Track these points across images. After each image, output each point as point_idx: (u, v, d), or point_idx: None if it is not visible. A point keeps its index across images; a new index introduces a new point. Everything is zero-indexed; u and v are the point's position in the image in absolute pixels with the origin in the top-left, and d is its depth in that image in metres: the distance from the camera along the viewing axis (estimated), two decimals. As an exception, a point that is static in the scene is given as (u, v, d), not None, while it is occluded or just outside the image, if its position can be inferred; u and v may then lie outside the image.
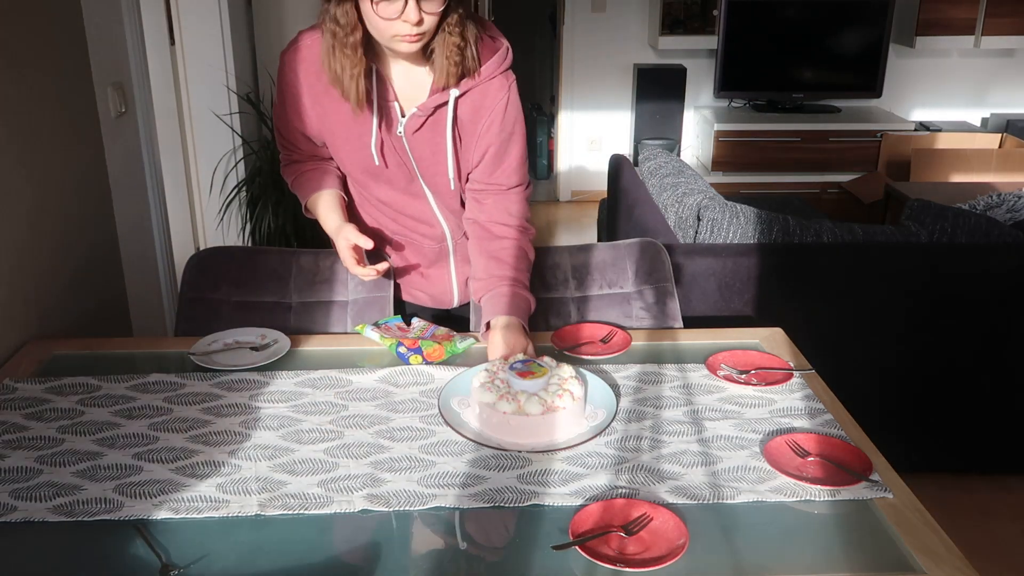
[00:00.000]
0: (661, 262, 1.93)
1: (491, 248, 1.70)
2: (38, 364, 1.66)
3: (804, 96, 5.41)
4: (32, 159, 1.89)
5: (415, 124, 1.61)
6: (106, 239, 2.28)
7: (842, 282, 2.50)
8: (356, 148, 1.65)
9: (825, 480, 1.26)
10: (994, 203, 3.48)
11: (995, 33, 5.09)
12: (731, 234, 2.58)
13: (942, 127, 5.32)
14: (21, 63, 1.86)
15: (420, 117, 1.59)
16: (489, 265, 1.69)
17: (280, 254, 1.95)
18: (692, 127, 5.64)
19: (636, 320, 1.90)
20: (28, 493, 1.26)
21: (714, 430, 1.41)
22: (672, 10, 5.26)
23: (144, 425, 1.43)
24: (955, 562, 1.11)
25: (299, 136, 1.72)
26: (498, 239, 1.70)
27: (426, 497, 1.24)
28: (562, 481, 1.28)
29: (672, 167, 3.16)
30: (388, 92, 1.59)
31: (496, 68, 1.60)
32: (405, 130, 1.61)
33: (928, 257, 2.51)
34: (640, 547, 1.13)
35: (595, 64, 5.60)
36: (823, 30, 5.24)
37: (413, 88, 1.60)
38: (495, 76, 1.60)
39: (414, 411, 1.48)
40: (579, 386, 1.38)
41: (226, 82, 3.32)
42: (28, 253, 1.85)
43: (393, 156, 1.65)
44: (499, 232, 1.70)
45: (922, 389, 2.60)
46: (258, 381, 1.58)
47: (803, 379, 1.57)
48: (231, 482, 1.28)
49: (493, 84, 1.60)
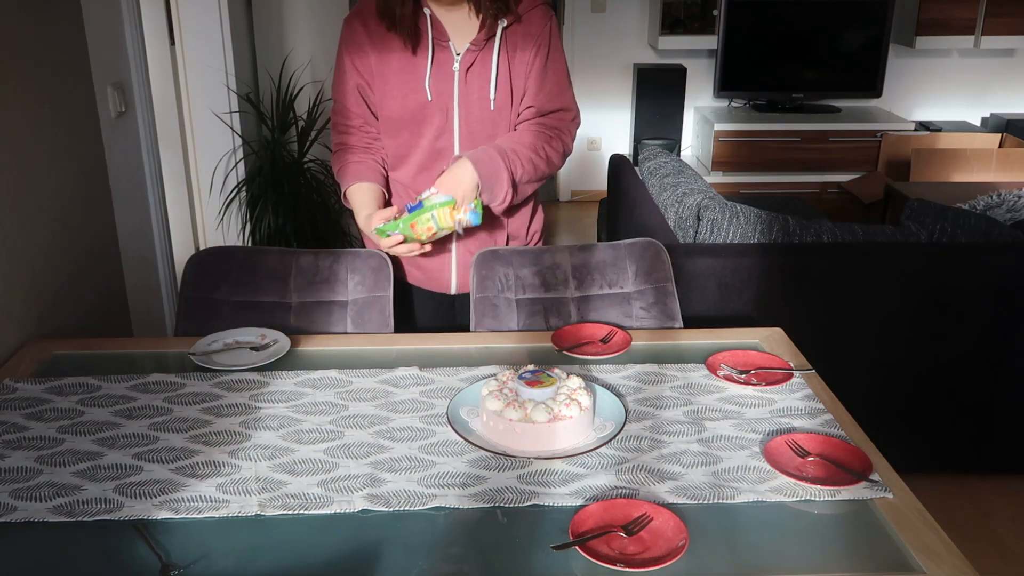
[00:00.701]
0: (661, 262, 1.93)
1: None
2: (38, 364, 1.66)
3: (804, 96, 5.41)
4: (32, 159, 1.89)
5: (468, 60, 1.76)
6: (106, 239, 2.28)
7: (842, 282, 2.50)
8: (407, 92, 1.78)
9: (825, 480, 1.26)
10: (994, 203, 3.48)
11: (995, 33, 5.09)
12: (731, 234, 2.58)
13: (942, 127, 5.32)
14: (21, 63, 1.86)
15: (474, 52, 1.75)
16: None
17: (280, 254, 1.95)
18: (692, 127, 5.64)
19: (636, 320, 1.90)
20: (28, 493, 1.26)
21: (714, 430, 1.41)
22: (672, 10, 5.26)
23: (144, 425, 1.43)
24: (955, 562, 1.11)
25: (354, 96, 1.83)
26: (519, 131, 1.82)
27: (426, 497, 1.24)
28: (562, 481, 1.28)
29: (672, 167, 3.16)
30: (443, 34, 1.75)
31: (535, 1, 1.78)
32: (460, 66, 1.76)
33: (928, 257, 2.51)
34: (640, 547, 1.13)
35: (595, 64, 5.60)
36: (823, 30, 5.24)
37: (463, 30, 1.76)
38: (536, 6, 1.78)
39: (414, 411, 1.48)
40: (588, 397, 1.38)
41: (226, 82, 3.32)
42: (28, 253, 1.85)
43: (439, 98, 1.77)
44: (523, 127, 1.81)
45: (922, 389, 2.60)
46: (258, 381, 1.58)
47: (803, 379, 1.57)
48: (231, 482, 1.28)
49: (536, 14, 1.78)
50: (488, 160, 1.72)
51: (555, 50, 1.80)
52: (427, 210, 1.67)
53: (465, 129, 1.80)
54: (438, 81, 1.77)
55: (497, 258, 1.90)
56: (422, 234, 1.69)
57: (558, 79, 1.82)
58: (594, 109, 5.70)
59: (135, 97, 2.53)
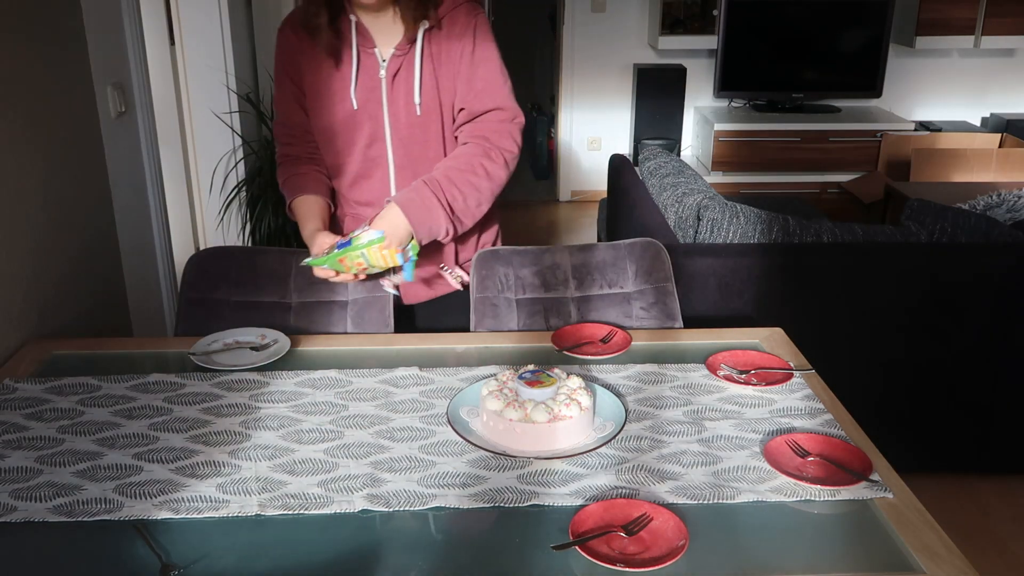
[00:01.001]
0: (661, 262, 1.93)
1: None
2: (38, 364, 1.66)
3: (804, 96, 5.41)
4: (32, 159, 1.89)
5: (394, 67, 1.71)
6: (106, 239, 2.28)
7: (842, 282, 2.50)
8: (336, 101, 1.74)
9: (825, 480, 1.26)
10: (994, 203, 3.48)
11: (995, 33, 5.09)
12: (731, 234, 2.58)
13: (942, 127, 5.32)
14: (21, 63, 1.86)
15: (399, 58, 1.70)
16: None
17: (280, 254, 1.95)
18: (692, 127, 5.64)
19: (636, 320, 1.90)
20: (28, 493, 1.26)
21: (714, 430, 1.41)
22: (672, 10, 5.26)
23: (144, 425, 1.43)
24: (955, 562, 1.11)
25: (293, 106, 1.81)
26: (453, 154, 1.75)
27: (426, 497, 1.24)
28: (562, 481, 1.28)
29: (672, 167, 3.16)
30: (369, 41, 1.71)
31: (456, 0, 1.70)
32: (387, 72, 1.71)
33: (928, 257, 2.51)
34: (640, 547, 1.13)
35: (595, 64, 5.60)
36: (823, 30, 5.24)
37: (389, 36, 1.72)
38: (459, 5, 1.71)
39: (414, 411, 1.48)
40: (588, 397, 1.38)
41: (226, 82, 3.32)
42: (28, 253, 1.85)
43: (367, 106, 1.73)
44: (458, 148, 1.75)
45: (922, 389, 2.60)
46: (258, 381, 1.58)
47: (803, 379, 1.57)
48: (231, 482, 1.28)
49: (459, 13, 1.70)
50: (419, 201, 1.66)
51: (483, 48, 1.71)
52: (356, 248, 1.62)
53: (396, 137, 1.76)
54: (365, 89, 1.73)
55: (497, 258, 1.90)
56: (352, 268, 1.64)
57: (489, 77, 1.72)
58: (594, 109, 5.70)
59: (135, 97, 2.53)
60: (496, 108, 1.73)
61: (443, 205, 1.67)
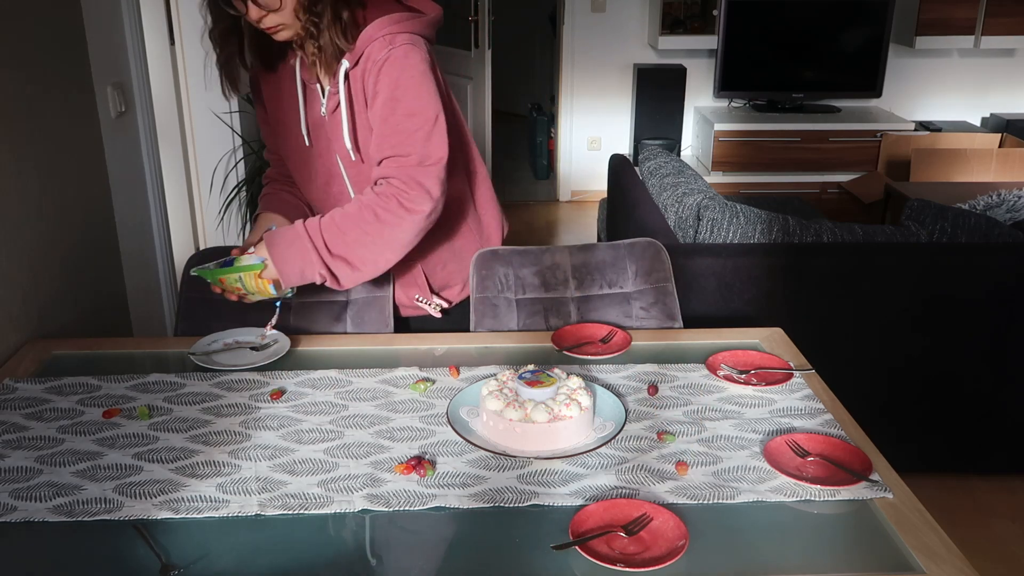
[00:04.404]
0: (661, 262, 1.93)
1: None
2: (38, 364, 1.66)
3: (804, 96, 5.41)
4: (32, 159, 1.89)
5: (332, 104, 1.64)
6: (106, 239, 2.28)
7: (842, 282, 2.50)
8: (291, 134, 1.74)
9: (825, 480, 1.27)
10: (994, 203, 3.48)
11: (995, 33, 5.09)
12: (731, 234, 2.58)
13: (942, 127, 5.32)
14: (21, 63, 1.86)
15: (335, 95, 1.63)
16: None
17: (280, 254, 1.95)
18: (692, 127, 5.64)
19: (636, 320, 1.90)
20: (28, 493, 1.26)
21: (714, 430, 1.41)
22: (672, 10, 5.26)
23: (144, 425, 1.43)
24: (955, 562, 1.11)
25: (265, 128, 1.85)
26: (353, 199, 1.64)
27: (426, 497, 1.24)
28: (562, 481, 1.28)
29: (672, 167, 3.16)
30: (312, 75, 1.66)
31: (376, 31, 1.54)
32: (327, 109, 1.66)
33: (928, 257, 2.51)
34: (640, 547, 1.13)
35: (595, 64, 5.60)
36: (823, 30, 5.24)
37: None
38: (375, 39, 1.54)
39: (414, 411, 1.48)
40: (588, 397, 1.38)
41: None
42: (28, 253, 1.85)
43: (320, 140, 1.71)
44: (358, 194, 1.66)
45: (922, 389, 2.60)
46: (258, 381, 1.58)
47: (803, 379, 1.58)
48: (231, 482, 1.28)
49: (373, 49, 1.55)
50: (289, 240, 1.58)
51: (388, 88, 1.54)
52: (235, 270, 1.60)
53: (353, 174, 1.68)
54: (315, 125, 1.68)
55: (497, 258, 1.90)
56: (231, 290, 1.63)
57: (393, 121, 1.55)
58: (594, 109, 5.70)
59: (135, 97, 2.53)
60: (396, 155, 1.56)
61: (316, 248, 1.57)
